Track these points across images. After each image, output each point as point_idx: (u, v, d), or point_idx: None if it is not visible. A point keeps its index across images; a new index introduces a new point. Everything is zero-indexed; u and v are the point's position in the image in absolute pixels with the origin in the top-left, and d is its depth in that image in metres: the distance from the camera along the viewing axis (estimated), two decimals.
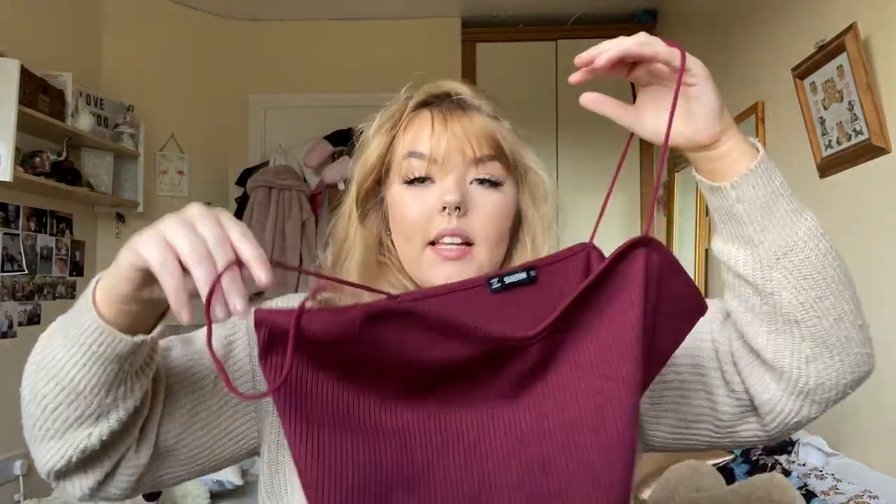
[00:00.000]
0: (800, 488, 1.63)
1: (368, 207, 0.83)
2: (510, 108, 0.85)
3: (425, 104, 0.81)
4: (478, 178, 0.77)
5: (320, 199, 3.72)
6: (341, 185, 3.57)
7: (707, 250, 3.07)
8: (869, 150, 1.87)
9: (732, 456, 2.03)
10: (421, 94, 0.81)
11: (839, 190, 2.03)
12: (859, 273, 0.72)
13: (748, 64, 2.68)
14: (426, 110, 0.80)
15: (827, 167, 2.07)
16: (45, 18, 3.03)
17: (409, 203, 0.78)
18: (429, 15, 3.89)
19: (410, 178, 0.78)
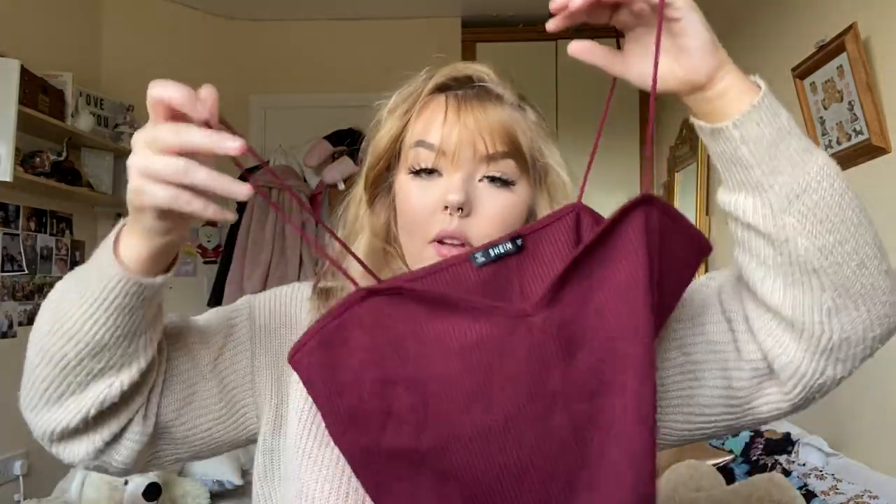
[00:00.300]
0: (800, 488, 1.63)
1: (377, 192, 0.80)
2: None
3: (444, 88, 0.75)
4: (488, 176, 0.72)
5: (320, 200, 3.72)
6: (341, 186, 3.56)
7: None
8: (869, 150, 1.87)
9: (732, 456, 2.03)
10: (440, 77, 0.76)
11: None
12: None
13: (748, 64, 2.64)
14: (443, 96, 0.75)
15: None
16: (45, 18, 3.03)
17: (414, 196, 0.73)
18: (429, 15, 3.89)
19: (417, 169, 0.73)
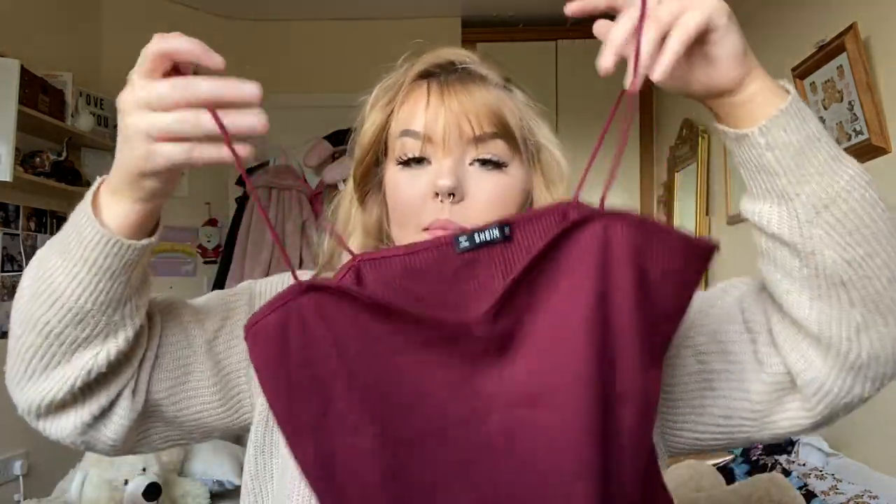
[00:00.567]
0: (800, 488, 1.63)
1: (367, 189, 0.77)
2: None
3: (426, 75, 0.73)
4: (478, 159, 0.70)
5: (320, 200, 3.72)
6: (341, 186, 3.54)
7: None
8: (869, 150, 1.87)
9: (732, 456, 2.03)
10: (421, 65, 0.74)
11: None
12: None
13: None
14: (425, 83, 0.72)
15: None
16: (45, 18, 3.03)
17: (403, 186, 0.71)
18: (429, 15, 3.89)
19: (405, 159, 0.71)
